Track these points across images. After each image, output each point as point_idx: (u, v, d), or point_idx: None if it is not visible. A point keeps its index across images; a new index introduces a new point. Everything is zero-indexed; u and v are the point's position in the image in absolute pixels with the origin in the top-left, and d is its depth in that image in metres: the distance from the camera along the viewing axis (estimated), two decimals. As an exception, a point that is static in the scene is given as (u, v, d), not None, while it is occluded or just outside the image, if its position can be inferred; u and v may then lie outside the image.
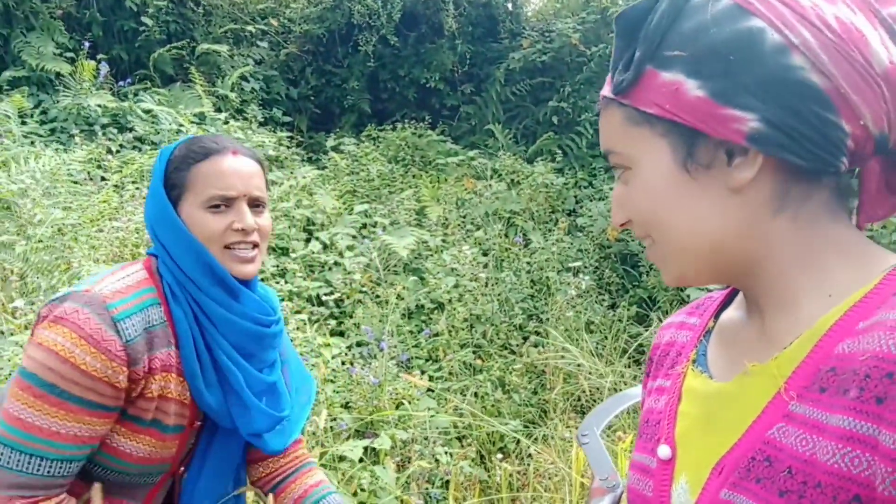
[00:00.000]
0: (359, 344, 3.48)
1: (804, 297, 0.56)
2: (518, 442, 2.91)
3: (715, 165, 0.56)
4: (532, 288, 4.24)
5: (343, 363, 3.14)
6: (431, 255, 4.28)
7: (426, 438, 2.76)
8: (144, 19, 5.67)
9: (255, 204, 1.12)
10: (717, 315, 0.70)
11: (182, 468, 1.19)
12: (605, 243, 4.75)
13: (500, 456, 2.73)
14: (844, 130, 0.52)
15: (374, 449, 2.75)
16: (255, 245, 1.12)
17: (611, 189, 5.07)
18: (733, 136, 0.54)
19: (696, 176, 0.56)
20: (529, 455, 2.86)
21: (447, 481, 2.56)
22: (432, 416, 2.98)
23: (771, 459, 0.51)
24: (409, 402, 3.03)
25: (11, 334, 2.17)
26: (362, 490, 2.37)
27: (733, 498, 0.53)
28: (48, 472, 0.97)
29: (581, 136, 6.04)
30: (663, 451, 0.64)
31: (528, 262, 4.38)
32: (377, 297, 3.84)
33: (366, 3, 6.25)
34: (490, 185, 5.18)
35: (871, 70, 0.51)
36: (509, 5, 6.95)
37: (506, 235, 4.74)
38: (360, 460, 2.56)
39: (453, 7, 6.36)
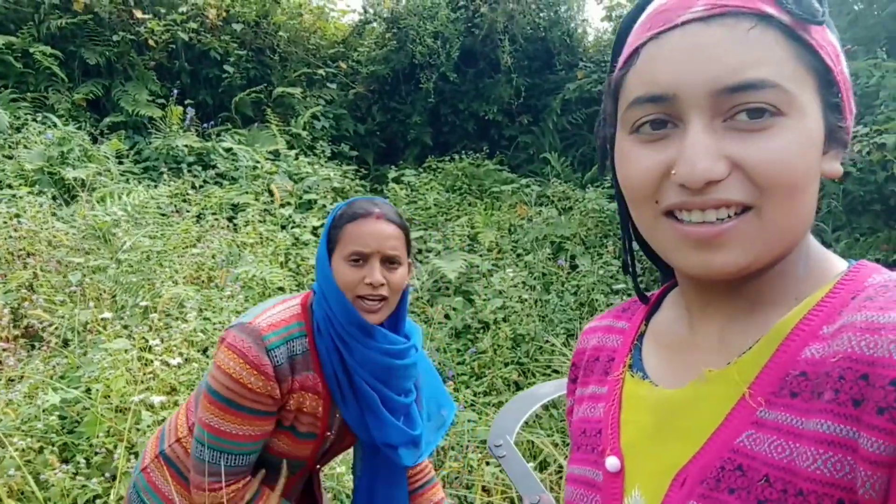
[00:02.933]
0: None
1: (774, 300, 0.55)
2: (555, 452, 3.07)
3: (828, 147, 0.53)
4: (578, 310, 4.39)
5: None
6: (481, 279, 4.52)
7: (462, 446, 2.96)
8: (226, 67, 6.26)
9: (390, 261, 1.28)
10: (647, 319, 0.68)
11: (318, 466, 1.46)
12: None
13: (531, 465, 2.90)
14: None
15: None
16: (383, 298, 1.28)
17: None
18: (850, 126, 0.53)
19: (824, 151, 0.52)
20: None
21: (483, 487, 2.76)
22: (472, 427, 3.19)
23: (744, 468, 0.49)
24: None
25: (102, 343, 2.56)
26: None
27: None
28: (233, 463, 1.27)
29: (636, 162, 6.14)
30: (612, 462, 0.60)
31: (574, 285, 4.53)
32: (427, 317, 4.10)
33: (426, 43, 6.64)
34: (541, 212, 5.38)
35: None
36: (567, 39, 7.20)
37: (554, 259, 4.91)
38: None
39: (509, 43, 6.66)
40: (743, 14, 0.49)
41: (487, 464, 2.97)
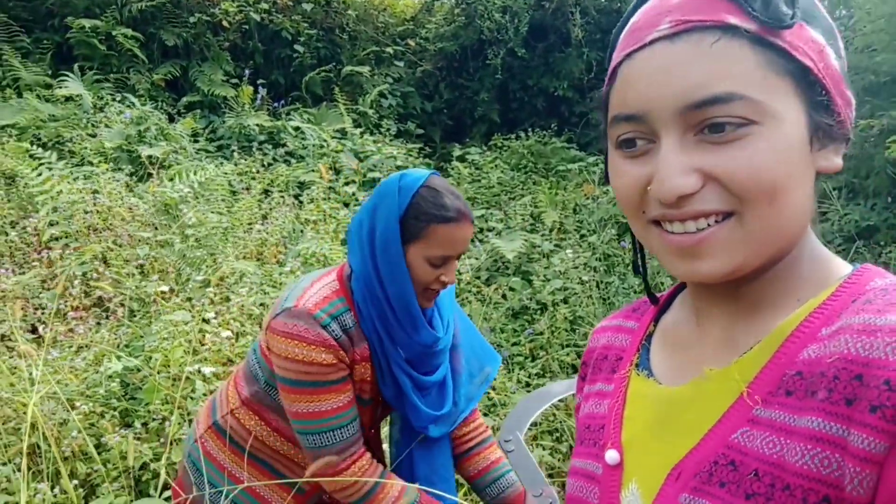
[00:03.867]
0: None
1: (775, 301, 0.56)
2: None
3: (821, 144, 0.53)
4: (642, 293, 4.24)
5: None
6: (541, 259, 4.44)
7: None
8: (297, 47, 6.37)
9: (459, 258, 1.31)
10: (656, 318, 0.69)
11: (373, 430, 1.48)
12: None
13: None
14: None
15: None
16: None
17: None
18: (847, 119, 0.53)
19: (812, 150, 0.52)
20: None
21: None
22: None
23: (736, 463, 0.50)
24: (504, 393, 3.22)
25: (162, 314, 2.67)
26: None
27: (694, 503, 0.52)
28: (346, 436, 1.30)
29: (713, 139, 5.87)
30: (611, 455, 0.62)
31: (639, 267, 4.38)
32: (484, 296, 4.07)
33: (494, 18, 6.53)
34: (608, 191, 5.22)
35: None
36: (642, 10, 6.90)
37: (619, 241, 4.76)
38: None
39: (580, 16, 6.45)
40: (707, 28, 0.49)
41: (538, 446, 2.93)
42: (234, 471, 1.41)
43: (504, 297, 4.06)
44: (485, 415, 3.11)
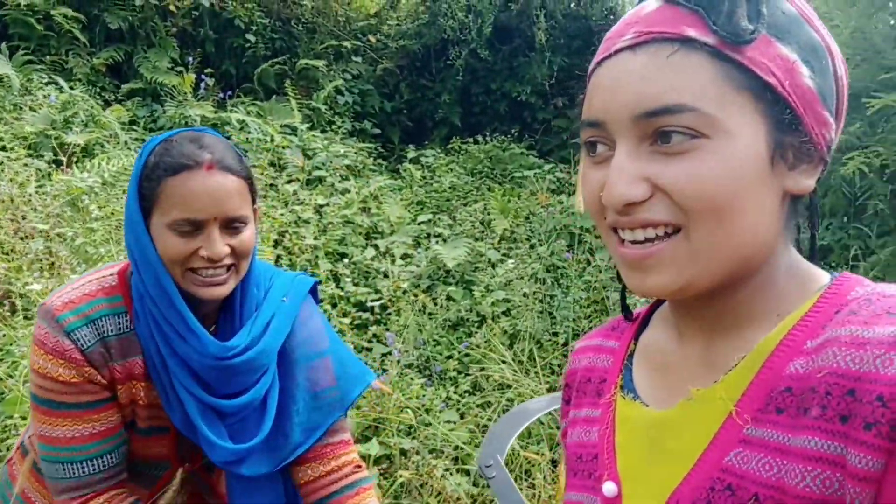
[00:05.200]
0: (389, 353, 3.50)
1: (755, 317, 0.55)
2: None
3: (788, 163, 0.52)
4: (589, 307, 4.06)
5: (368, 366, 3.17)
6: (487, 268, 4.23)
7: (430, 450, 2.71)
8: (249, 36, 6.11)
9: (233, 224, 1.02)
10: (636, 336, 0.67)
11: (197, 464, 1.18)
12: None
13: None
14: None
15: (388, 456, 2.75)
16: (230, 266, 1.03)
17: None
18: (822, 140, 0.52)
19: (774, 169, 0.51)
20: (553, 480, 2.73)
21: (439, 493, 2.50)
22: (451, 428, 2.94)
23: (733, 487, 0.49)
24: (429, 413, 3.00)
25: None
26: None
27: None
28: (83, 472, 1.04)
29: (674, 152, 5.75)
30: (609, 488, 0.59)
31: (586, 281, 4.19)
32: (423, 306, 3.85)
33: (458, 17, 6.33)
34: (562, 200, 5.04)
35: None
36: (611, 17, 6.76)
37: (572, 252, 4.58)
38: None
39: (545, 20, 6.27)
40: (666, 40, 0.50)
41: (462, 472, 2.71)
42: (32, 496, 1.18)
43: (442, 307, 3.84)
44: (406, 434, 2.89)
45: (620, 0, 6.93)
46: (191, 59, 5.73)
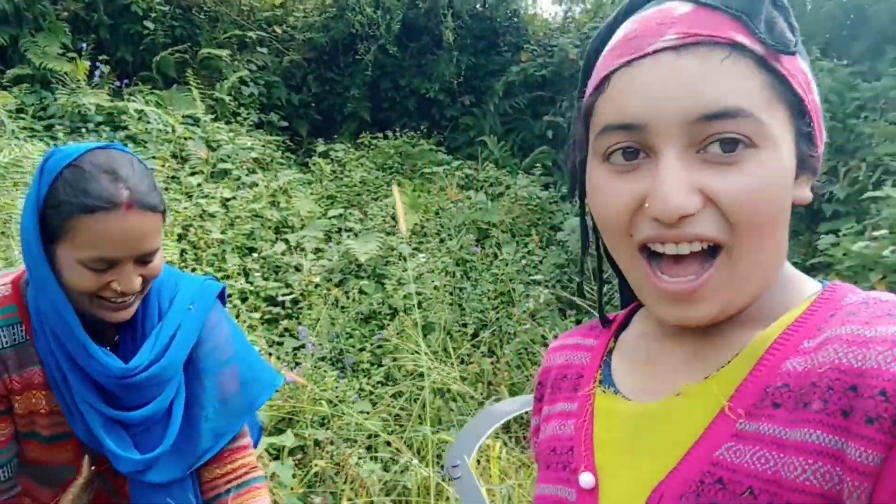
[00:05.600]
0: (303, 346, 3.52)
1: (745, 319, 0.54)
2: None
3: (798, 175, 0.52)
4: (496, 299, 4.22)
5: (280, 360, 3.18)
6: (398, 262, 4.31)
7: (345, 439, 2.76)
8: (147, 23, 5.86)
9: (146, 258, 1.01)
10: (616, 334, 0.67)
11: (103, 466, 1.15)
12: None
13: (415, 461, 2.72)
14: None
15: (302, 447, 2.77)
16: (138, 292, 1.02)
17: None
18: (819, 154, 0.54)
19: (796, 180, 0.52)
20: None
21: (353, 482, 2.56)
22: (365, 418, 3.00)
23: (724, 481, 0.48)
24: (342, 403, 3.04)
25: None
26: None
27: None
28: None
29: (575, 150, 6.03)
30: (586, 479, 0.58)
31: (493, 274, 4.36)
32: (335, 300, 3.87)
33: (366, 12, 6.34)
34: (470, 196, 5.19)
35: None
36: (515, 19, 6.98)
37: (481, 246, 4.73)
38: (276, 458, 2.59)
39: (453, 19, 6.40)
40: (716, 44, 0.48)
41: (374, 460, 2.78)
42: None
43: (354, 300, 3.88)
44: (320, 425, 2.92)
45: (524, 3, 7.19)
46: (84, 45, 5.43)
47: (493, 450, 2.17)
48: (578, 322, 4.21)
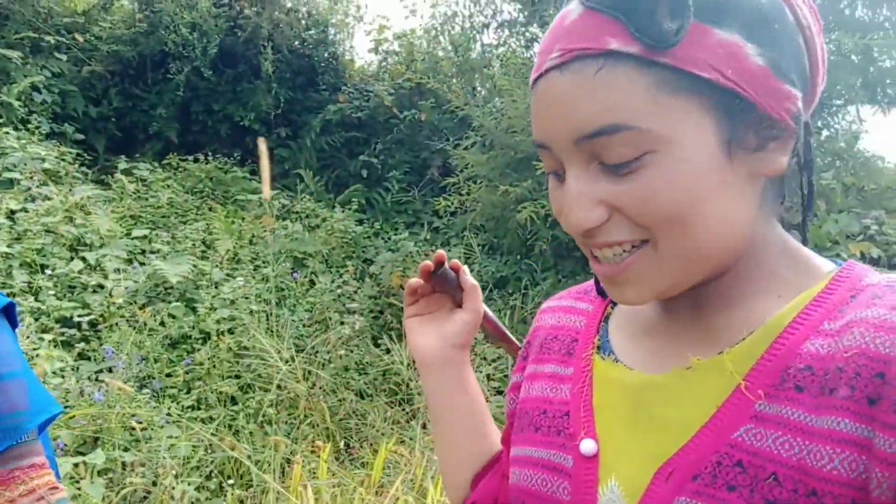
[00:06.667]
0: (110, 369, 3.31)
1: (753, 295, 0.53)
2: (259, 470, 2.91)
3: (752, 147, 0.49)
4: (311, 326, 4.30)
5: (79, 383, 2.97)
6: (210, 287, 4.22)
7: (156, 463, 2.67)
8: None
9: None
10: (612, 302, 0.65)
11: None
12: (392, 291, 4.97)
13: (231, 481, 2.71)
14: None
15: (110, 469, 2.62)
16: None
17: (404, 241, 5.35)
18: (784, 115, 0.48)
19: (734, 159, 0.49)
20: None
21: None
22: (172, 444, 2.90)
23: (744, 464, 0.46)
24: (149, 428, 2.92)
25: None
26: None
27: None
28: None
29: (388, 191, 6.36)
30: (587, 446, 0.56)
31: (309, 302, 4.45)
32: (141, 322, 3.69)
33: (182, 33, 6.18)
34: (287, 226, 5.24)
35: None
36: (333, 61, 7.22)
37: (293, 272, 4.79)
38: (82, 478, 2.43)
39: (272, 52, 6.47)
40: (589, 57, 0.47)
41: (185, 482, 2.71)
42: None
43: (163, 323, 3.74)
44: (125, 450, 2.78)
45: (341, 48, 7.47)
46: None
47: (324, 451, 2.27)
48: (388, 351, 4.44)
